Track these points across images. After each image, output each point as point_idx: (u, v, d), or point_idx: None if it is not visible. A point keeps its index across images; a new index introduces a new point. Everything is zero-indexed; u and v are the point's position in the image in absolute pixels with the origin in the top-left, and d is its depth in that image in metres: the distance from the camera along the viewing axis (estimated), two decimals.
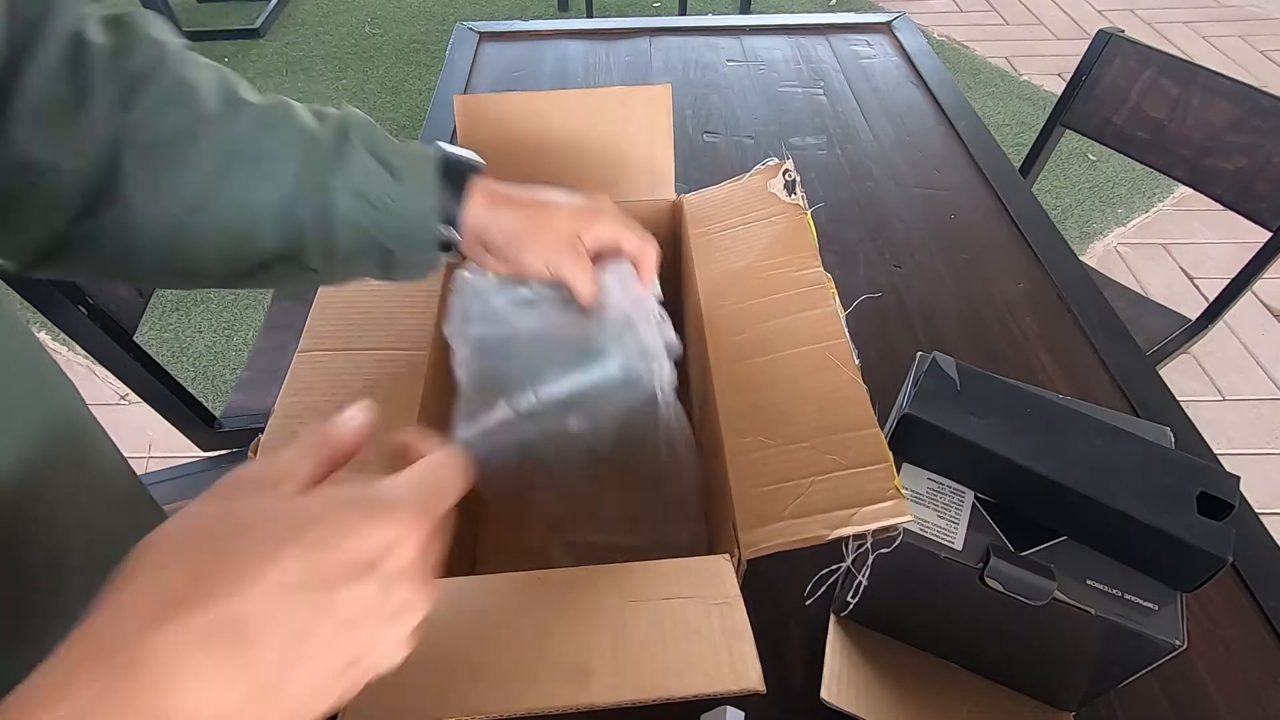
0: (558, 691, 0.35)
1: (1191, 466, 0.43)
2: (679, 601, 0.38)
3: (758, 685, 0.35)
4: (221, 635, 0.21)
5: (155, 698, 0.20)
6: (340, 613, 0.23)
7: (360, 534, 0.24)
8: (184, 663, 0.20)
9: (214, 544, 0.22)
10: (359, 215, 0.43)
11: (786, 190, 0.58)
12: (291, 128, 0.42)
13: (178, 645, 0.20)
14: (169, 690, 0.20)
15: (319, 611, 0.22)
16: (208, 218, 0.41)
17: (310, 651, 0.22)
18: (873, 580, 0.46)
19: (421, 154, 0.45)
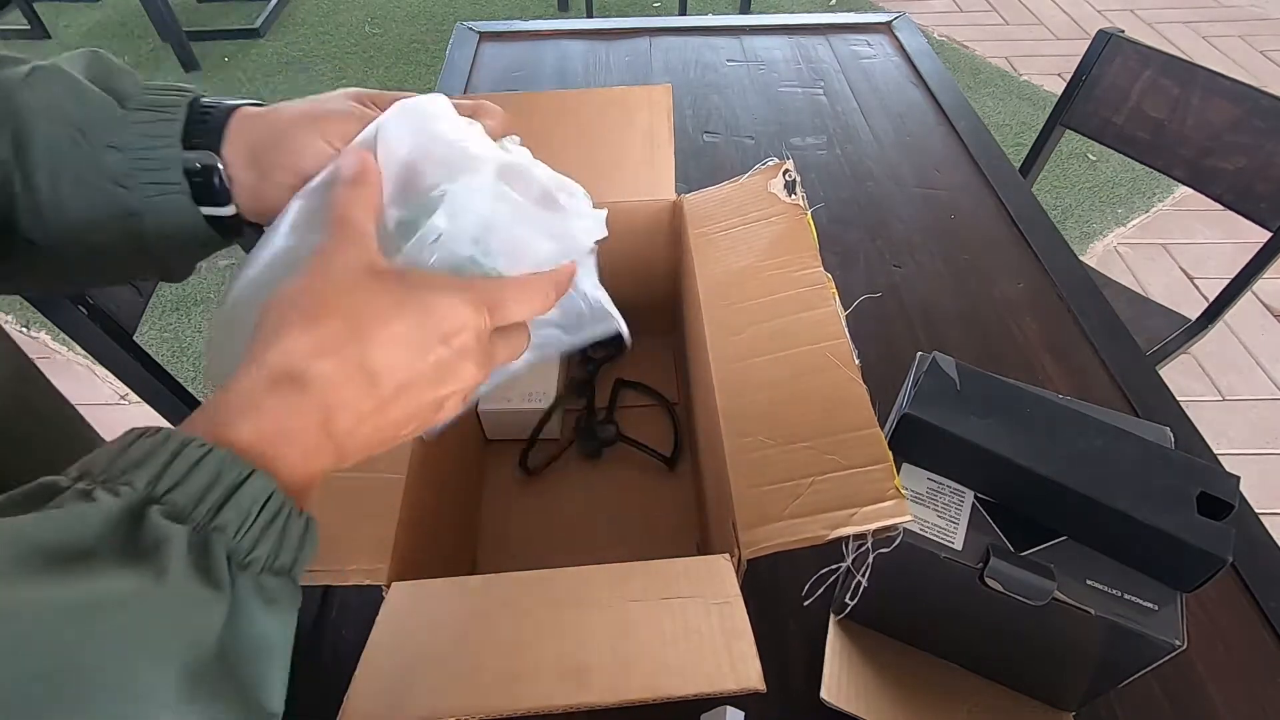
0: (558, 691, 0.35)
1: (1191, 466, 0.43)
2: (679, 601, 0.38)
3: (758, 684, 0.35)
4: (358, 371, 0.29)
5: (322, 396, 0.28)
6: (425, 366, 0.31)
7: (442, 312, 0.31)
8: (338, 384, 0.28)
9: (340, 306, 0.29)
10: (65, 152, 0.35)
11: (787, 190, 0.58)
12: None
13: (334, 372, 0.28)
14: (327, 400, 0.28)
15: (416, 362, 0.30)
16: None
17: (408, 391, 0.30)
18: (873, 580, 0.46)
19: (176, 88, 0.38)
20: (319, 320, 0.29)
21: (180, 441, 0.24)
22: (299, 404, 0.28)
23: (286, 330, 0.28)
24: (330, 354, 0.28)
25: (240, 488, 0.25)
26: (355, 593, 0.55)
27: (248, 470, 0.25)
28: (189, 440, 0.25)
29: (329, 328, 0.29)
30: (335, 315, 0.29)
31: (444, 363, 0.31)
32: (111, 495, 0.23)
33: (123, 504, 0.23)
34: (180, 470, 0.24)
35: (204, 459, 0.24)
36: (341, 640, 0.53)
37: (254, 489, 0.25)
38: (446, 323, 0.31)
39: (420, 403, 0.31)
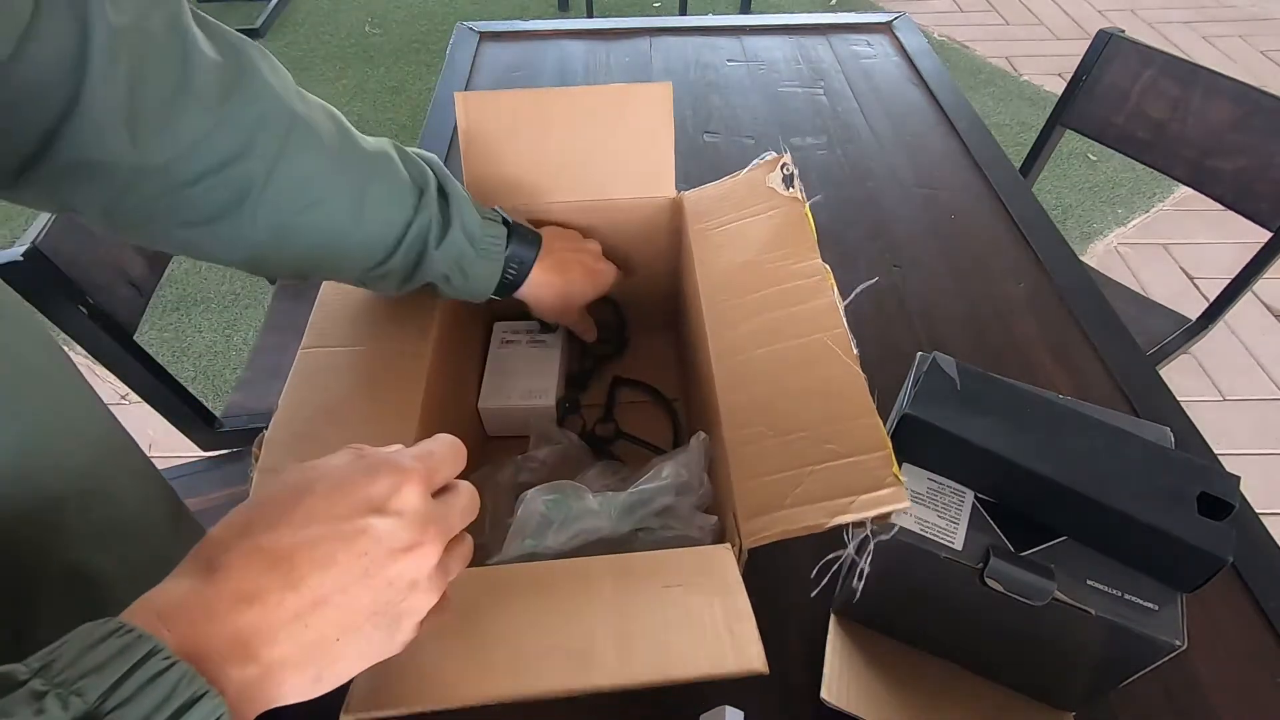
0: (561, 676, 0.35)
1: (1192, 466, 0.43)
2: (681, 589, 0.38)
3: (760, 667, 0.35)
4: (267, 554, 0.27)
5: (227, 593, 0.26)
6: (357, 543, 0.28)
7: (367, 481, 0.30)
8: (245, 571, 0.27)
9: (268, 498, 0.29)
10: (438, 276, 0.52)
11: (785, 184, 0.58)
12: (396, 178, 0.48)
13: (240, 558, 0.27)
14: (237, 590, 0.27)
15: (339, 539, 0.28)
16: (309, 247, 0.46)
17: (339, 578, 0.28)
18: (873, 579, 0.46)
19: (496, 231, 0.54)
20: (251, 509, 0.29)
21: (148, 650, 0.24)
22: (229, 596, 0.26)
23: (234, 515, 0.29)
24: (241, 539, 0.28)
25: (191, 709, 0.24)
26: None
27: (202, 690, 0.24)
28: (157, 649, 0.24)
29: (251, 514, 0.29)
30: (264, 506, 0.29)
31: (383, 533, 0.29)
32: (59, 707, 0.22)
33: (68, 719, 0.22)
34: (135, 685, 0.23)
35: (164, 673, 0.23)
36: None
37: (203, 711, 0.24)
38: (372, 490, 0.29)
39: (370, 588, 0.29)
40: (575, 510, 0.47)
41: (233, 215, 0.41)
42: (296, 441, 0.46)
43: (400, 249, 0.49)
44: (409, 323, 0.54)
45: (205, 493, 0.95)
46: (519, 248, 0.55)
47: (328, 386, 0.50)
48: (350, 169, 0.46)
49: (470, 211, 0.52)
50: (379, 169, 0.47)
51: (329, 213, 0.45)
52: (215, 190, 0.40)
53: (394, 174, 0.48)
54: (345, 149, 0.46)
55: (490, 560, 0.46)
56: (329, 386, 0.50)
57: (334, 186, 0.45)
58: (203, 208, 0.41)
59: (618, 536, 0.47)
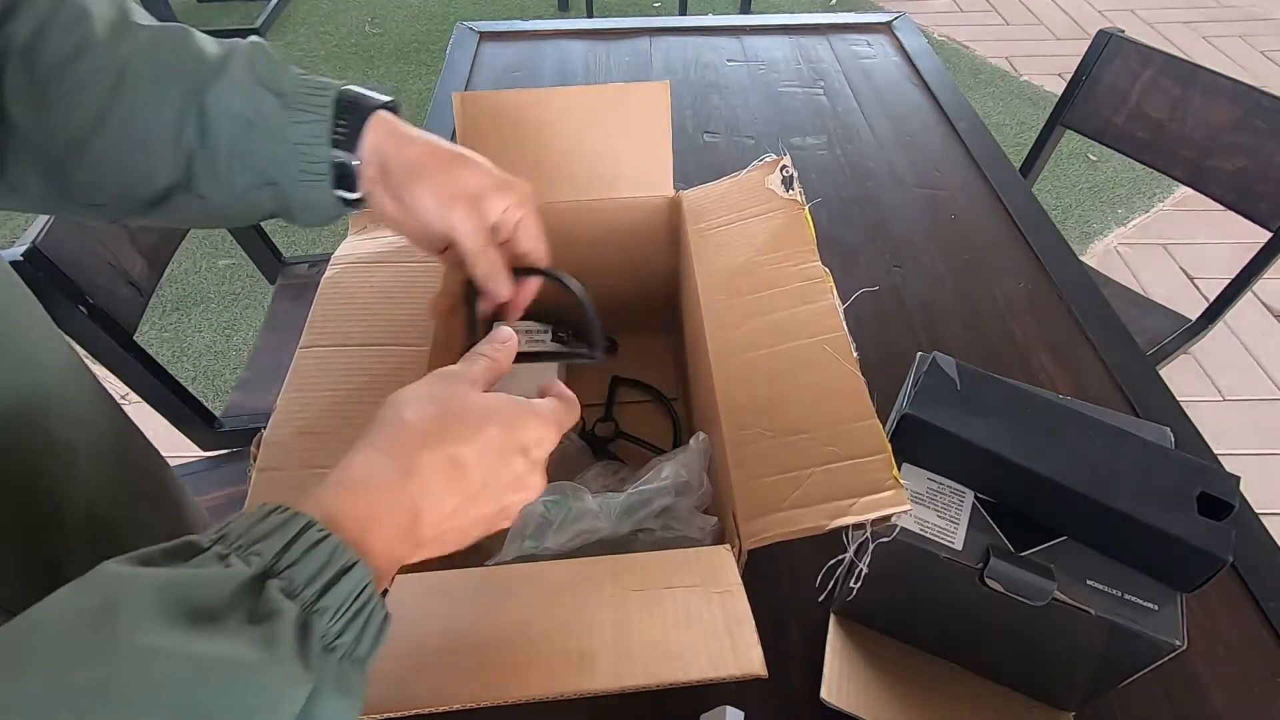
0: (562, 679, 0.35)
1: (1191, 466, 0.43)
2: (681, 590, 0.38)
3: (760, 670, 0.35)
4: (452, 465, 0.32)
5: (417, 492, 0.31)
6: (507, 470, 0.35)
7: (530, 426, 0.36)
8: (433, 474, 0.32)
9: (446, 412, 0.34)
10: (240, 138, 0.42)
11: (784, 185, 0.58)
12: (186, 52, 0.42)
13: (431, 463, 0.32)
14: (423, 489, 0.32)
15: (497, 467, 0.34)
16: (104, 141, 0.40)
17: (488, 490, 0.34)
18: (873, 579, 0.46)
19: (321, 85, 0.43)
20: (427, 417, 0.33)
21: (304, 522, 0.27)
22: (396, 494, 0.31)
23: (398, 418, 0.33)
24: (432, 446, 0.32)
25: (344, 575, 0.27)
26: None
27: (353, 560, 0.27)
28: (311, 523, 0.27)
29: (432, 420, 0.33)
30: (440, 412, 0.34)
31: (521, 475, 0.35)
32: (243, 564, 0.26)
33: (251, 573, 0.25)
34: (300, 549, 0.26)
35: (320, 543, 0.27)
36: None
37: (354, 578, 0.27)
38: (529, 435, 0.35)
39: (494, 507, 0.35)
40: (575, 511, 0.47)
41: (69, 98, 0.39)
42: (296, 440, 0.46)
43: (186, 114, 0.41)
44: (409, 322, 0.54)
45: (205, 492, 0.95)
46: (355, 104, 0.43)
47: (327, 386, 0.50)
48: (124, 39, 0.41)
49: (274, 62, 0.43)
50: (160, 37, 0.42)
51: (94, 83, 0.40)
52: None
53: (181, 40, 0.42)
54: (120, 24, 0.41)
55: (490, 561, 0.46)
56: (328, 386, 0.50)
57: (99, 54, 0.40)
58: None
59: (617, 537, 0.47)
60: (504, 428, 0.34)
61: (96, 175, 0.42)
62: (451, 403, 0.34)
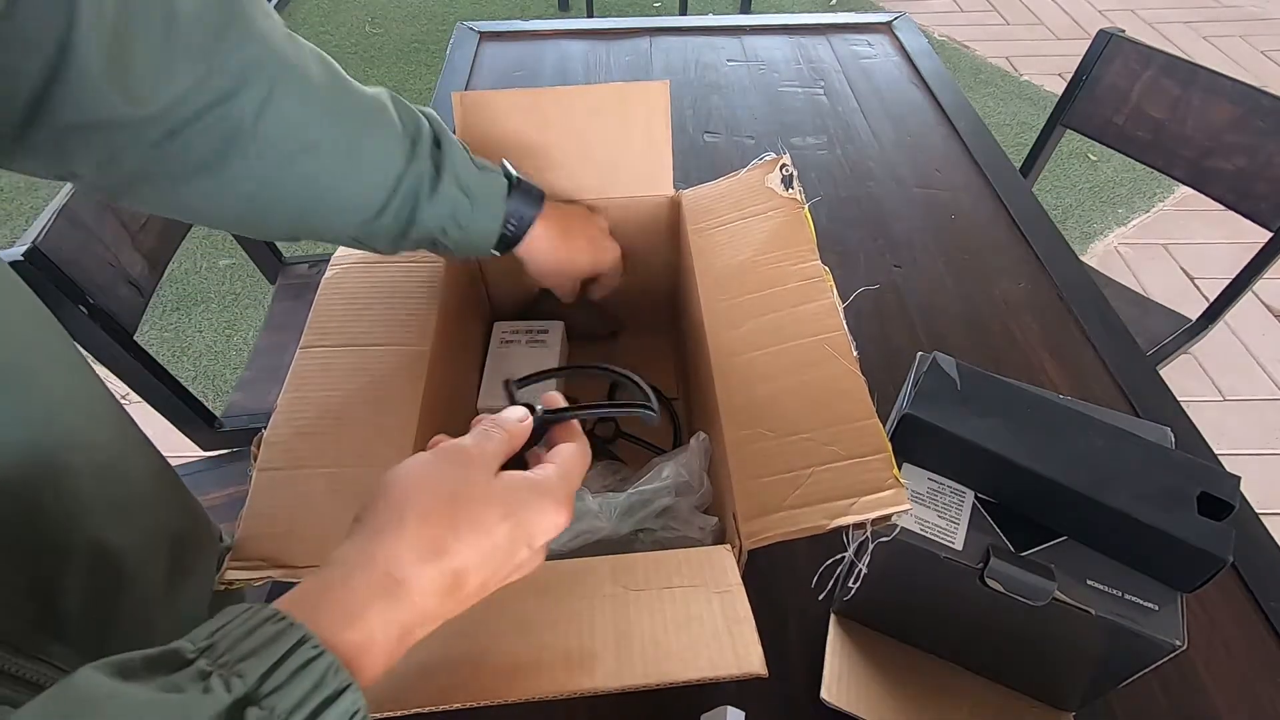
0: (562, 678, 0.35)
1: (1192, 466, 0.43)
2: (681, 590, 0.38)
3: (760, 669, 0.35)
4: (453, 577, 0.31)
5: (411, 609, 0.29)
6: (508, 567, 0.33)
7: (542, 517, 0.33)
8: (431, 590, 0.30)
9: (452, 509, 0.31)
10: (434, 229, 0.50)
11: (784, 185, 0.58)
12: (390, 129, 0.47)
13: (432, 579, 0.30)
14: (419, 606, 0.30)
15: (501, 566, 0.33)
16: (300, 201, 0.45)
17: (485, 590, 0.33)
18: (873, 579, 0.46)
19: (495, 183, 0.52)
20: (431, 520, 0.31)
21: (298, 638, 0.25)
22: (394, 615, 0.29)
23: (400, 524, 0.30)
24: (432, 561, 0.30)
25: (333, 703, 0.25)
26: None
27: (346, 683, 0.26)
28: (306, 638, 0.26)
29: (438, 531, 0.31)
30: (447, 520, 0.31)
31: (523, 562, 0.34)
32: (224, 688, 0.24)
33: (229, 700, 0.23)
34: (289, 670, 0.25)
35: (313, 662, 0.25)
36: None
37: (346, 703, 0.26)
38: (537, 530, 0.33)
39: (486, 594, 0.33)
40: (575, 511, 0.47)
41: (221, 163, 0.41)
42: (296, 440, 0.46)
43: (394, 200, 0.47)
44: (409, 322, 0.54)
45: (206, 492, 0.95)
46: (519, 203, 0.53)
47: (327, 386, 0.50)
48: (341, 114, 0.44)
49: (465, 161, 0.50)
50: (372, 116, 0.46)
51: (318, 160, 0.44)
52: (202, 135, 0.39)
53: (387, 122, 0.46)
54: (336, 94, 0.44)
55: None
56: (328, 386, 0.50)
57: (323, 132, 0.43)
58: (191, 155, 0.40)
59: (618, 537, 0.47)
60: (516, 525, 0.32)
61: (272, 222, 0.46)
62: (460, 498, 0.32)
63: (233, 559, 0.41)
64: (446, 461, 0.33)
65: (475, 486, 0.33)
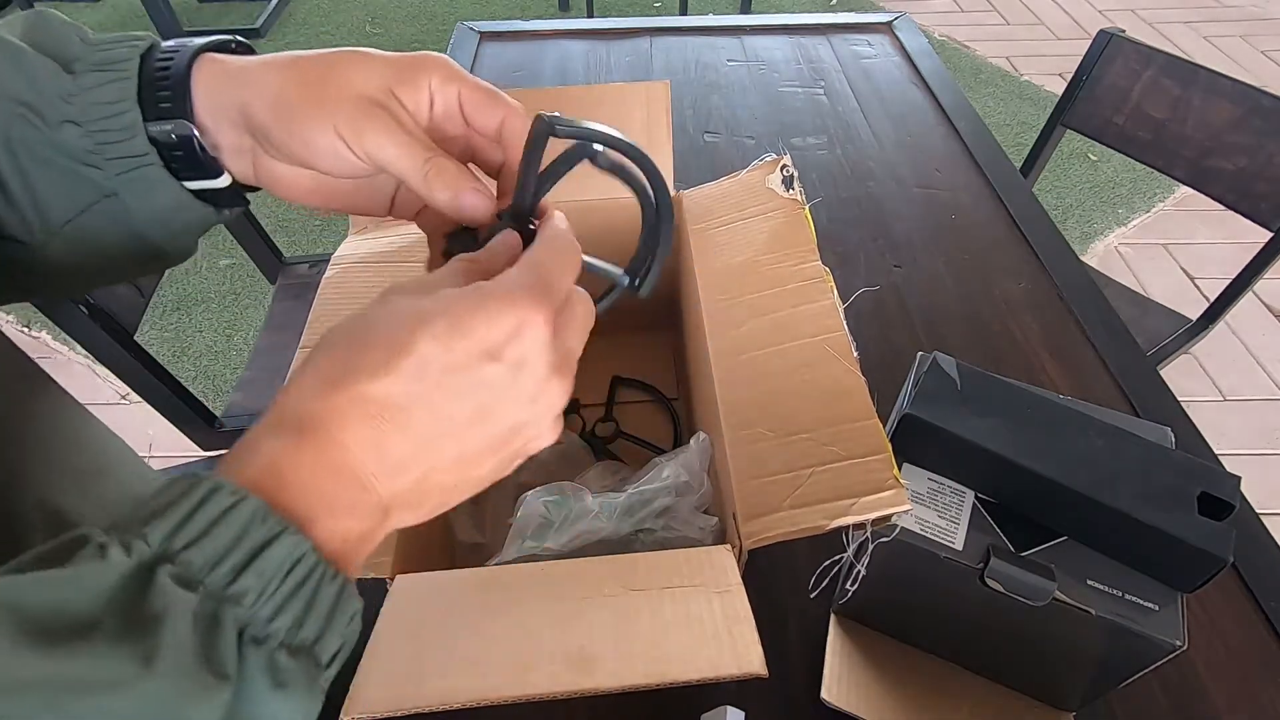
0: (561, 677, 0.35)
1: (1192, 467, 0.43)
2: (681, 590, 0.38)
3: (760, 669, 0.35)
4: (369, 407, 0.24)
5: (328, 453, 0.24)
6: (473, 394, 0.26)
7: (484, 323, 0.25)
8: (344, 426, 0.24)
9: (365, 334, 0.25)
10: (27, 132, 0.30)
11: (784, 185, 0.58)
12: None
13: (335, 412, 0.24)
14: (337, 447, 0.24)
15: (454, 392, 0.25)
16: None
17: (455, 428, 0.26)
18: (873, 579, 0.46)
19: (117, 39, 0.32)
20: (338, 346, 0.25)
21: (209, 487, 0.22)
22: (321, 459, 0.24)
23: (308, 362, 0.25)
24: (337, 387, 0.24)
25: (267, 548, 0.22)
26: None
27: (278, 528, 0.22)
28: (218, 486, 0.22)
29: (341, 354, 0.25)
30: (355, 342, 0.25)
31: (500, 384, 0.26)
32: (123, 552, 0.20)
33: (132, 564, 0.20)
34: (202, 523, 0.21)
35: (231, 510, 0.22)
36: None
37: (283, 549, 0.22)
38: (489, 332, 0.25)
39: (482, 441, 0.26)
40: (575, 511, 0.47)
41: None
42: None
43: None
44: None
45: None
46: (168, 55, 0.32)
47: None
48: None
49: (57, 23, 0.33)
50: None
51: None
52: None
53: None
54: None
55: (490, 561, 0.46)
56: None
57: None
58: None
59: (618, 538, 0.47)
60: (445, 335, 0.25)
61: None
62: (376, 319, 0.26)
63: None
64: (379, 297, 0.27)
65: (398, 305, 0.26)
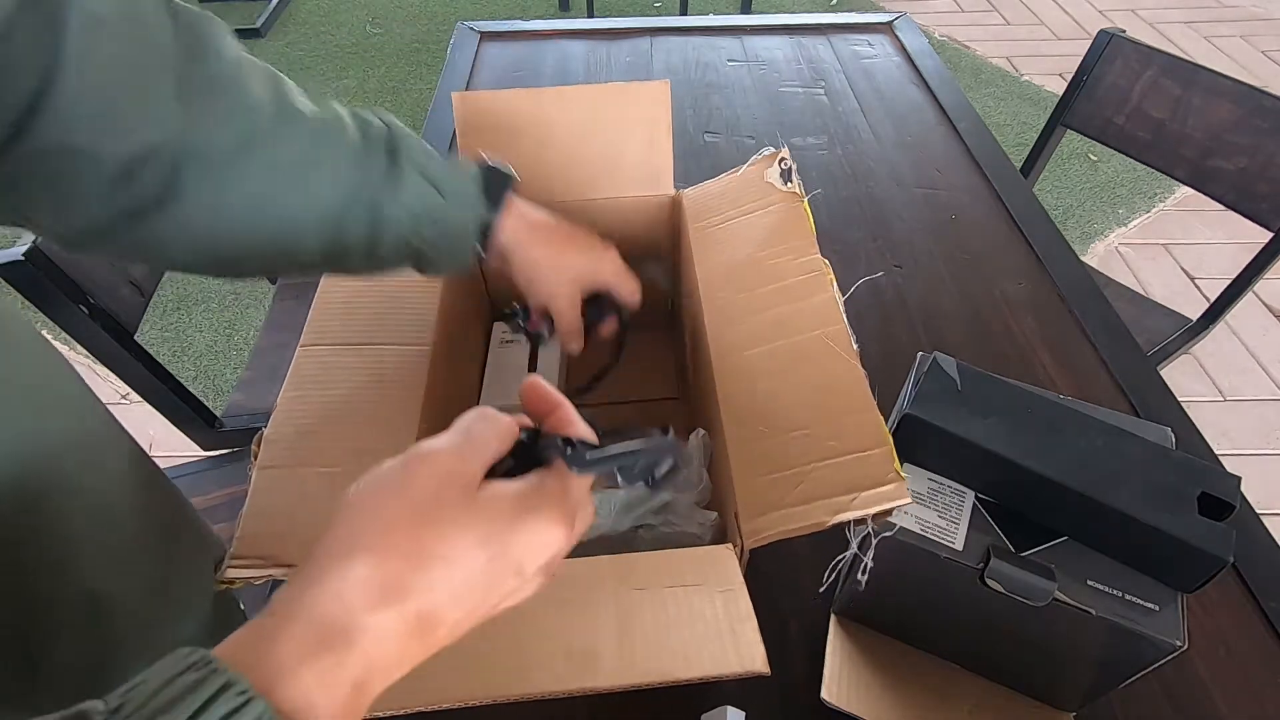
0: (565, 676, 0.35)
1: (1192, 467, 0.43)
2: (683, 589, 0.38)
3: (762, 667, 0.35)
4: (417, 621, 0.26)
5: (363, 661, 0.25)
6: (495, 598, 0.28)
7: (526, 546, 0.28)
8: (390, 638, 0.25)
9: (415, 538, 0.26)
10: (407, 230, 0.45)
11: (782, 179, 0.58)
12: (342, 142, 0.43)
13: (389, 626, 0.25)
14: (374, 656, 0.25)
15: (483, 601, 0.28)
16: (256, 226, 0.41)
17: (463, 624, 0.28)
18: (873, 580, 0.46)
19: (465, 171, 0.49)
20: (387, 554, 0.25)
21: (221, 684, 0.21)
22: (340, 673, 0.24)
23: (348, 560, 0.25)
24: (389, 604, 0.25)
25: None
26: None
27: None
28: (231, 684, 0.22)
29: (396, 566, 0.25)
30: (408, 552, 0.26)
31: (512, 591, 0.29)
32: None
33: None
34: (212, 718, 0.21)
35: (241, 710, 0.21)
36: None
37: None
38: (526, 554, 0.28)
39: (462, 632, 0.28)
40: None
41: (172, 197, 0.38)
42: (296, 439, 0.46)
43: (354, 207, 0.43)
44: (409, 322, 0.54)
45: (206, 492, 0.95)
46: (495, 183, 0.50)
47: (327, 385, 0.50)
48: (287, 130, 0.41)
49: (426, 151, 0.46)
50: (322, 126, 0.43)
51: (264, 180, 0.40)
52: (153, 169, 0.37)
53: (338, 129, 0.43)
54: (282, 112, 0.41)
55: None
56: (328, 385, 0.50)
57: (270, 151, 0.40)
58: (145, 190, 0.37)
59: (618, 534, 0.47)
60: (499, 552, 0.27)
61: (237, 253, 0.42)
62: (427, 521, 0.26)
63: (232, 558, 0.41)
64: (414, 473, 0.27)
65: (446, 506, 0.27)
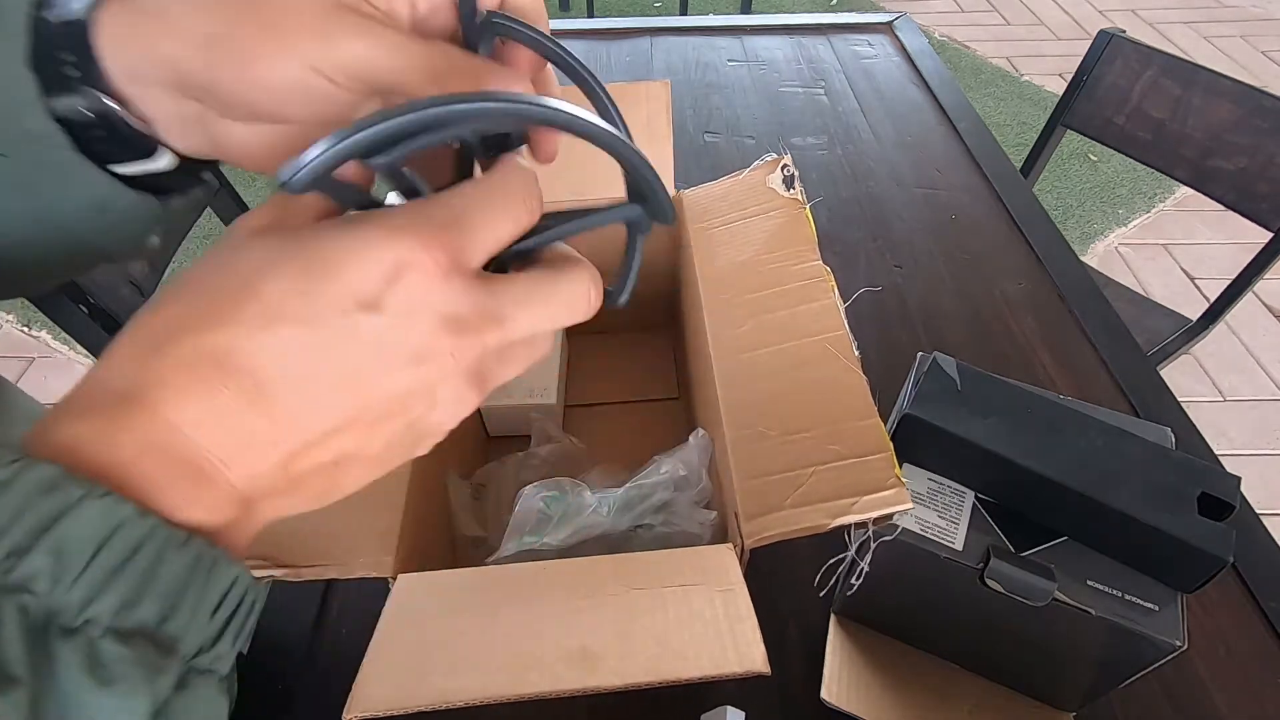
0: (563, 675, 0.35)
1: (1192, 467, 0.43)
2: (683, 588, 0.38)
3: (762, 667, 0.35)
4: (201, 371, 0.19)
5: (151, 436, 0.19)
6: (341, 351, 0.20)
7: (351, 262, 0.20)
8: (172, 399, 0.19)
9: (200, 284, 0.20)
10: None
11: (785, 185, 0.58)
12: None
13: (159, 381, 0.19)
14: (163, 427, 0.19)
15: (315, 348, 0.20)
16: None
17: (321, 395, 0.20)
18: (874, 579, 0.46)
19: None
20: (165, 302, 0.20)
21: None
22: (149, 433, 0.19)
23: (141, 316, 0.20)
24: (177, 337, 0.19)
25: (63, 518, 0.17)
26: (356, 592, 0.55)
27: (79, 491, 0.18)
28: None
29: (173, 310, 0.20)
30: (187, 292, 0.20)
31: (381, 339, 0.20)
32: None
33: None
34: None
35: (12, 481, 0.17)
36: (341, 639, 0.53)
37: (90, 517, 0.18)
38: (363, 274, 0.20)
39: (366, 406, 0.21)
40: (574, 506, 0.47)
41: None
42: None
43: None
44: None
45: None
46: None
47: None
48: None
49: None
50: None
51: None
52: None
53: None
54: None
55: (490, 559, 0.46)
56: None
57: None
58: None
59: (617, 533, 0.47)
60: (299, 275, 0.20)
61: None
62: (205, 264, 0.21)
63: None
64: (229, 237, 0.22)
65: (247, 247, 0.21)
